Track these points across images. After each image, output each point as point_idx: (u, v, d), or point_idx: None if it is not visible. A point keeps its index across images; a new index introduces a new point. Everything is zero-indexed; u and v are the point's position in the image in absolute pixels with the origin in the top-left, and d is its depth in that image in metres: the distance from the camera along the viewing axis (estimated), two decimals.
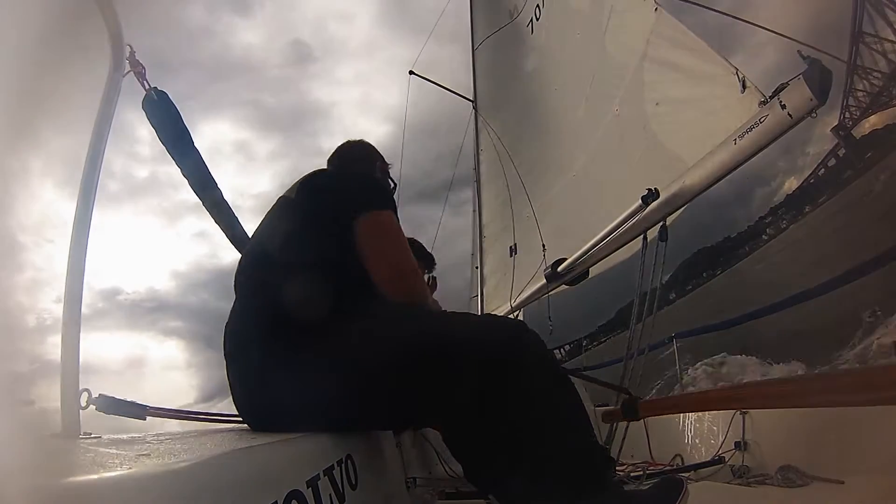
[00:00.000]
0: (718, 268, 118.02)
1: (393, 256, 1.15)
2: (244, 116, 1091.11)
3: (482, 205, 4.45)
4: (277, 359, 0.99)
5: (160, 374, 35.90)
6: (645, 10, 2.25)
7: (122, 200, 43.60)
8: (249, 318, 1.09)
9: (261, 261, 1.18)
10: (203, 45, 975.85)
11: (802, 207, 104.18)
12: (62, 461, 0.57)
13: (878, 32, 65.68)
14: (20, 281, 0.62)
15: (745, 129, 1.49)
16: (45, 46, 0.69)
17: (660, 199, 1.72)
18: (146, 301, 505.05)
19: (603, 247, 2.05)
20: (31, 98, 0.67)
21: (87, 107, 0.97)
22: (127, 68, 1.15)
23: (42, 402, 0.78)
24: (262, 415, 1.03)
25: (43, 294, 0.83)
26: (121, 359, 3.67)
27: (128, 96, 1.32)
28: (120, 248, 43.77)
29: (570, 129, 3.12)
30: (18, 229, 0.64)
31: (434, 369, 0.94)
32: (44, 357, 0.81)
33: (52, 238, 0.88)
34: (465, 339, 0.97)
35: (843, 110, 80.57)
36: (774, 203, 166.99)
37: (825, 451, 1.37)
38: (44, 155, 0.73)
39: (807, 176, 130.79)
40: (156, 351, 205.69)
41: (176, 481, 0.47)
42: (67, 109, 0.87)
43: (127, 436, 0.83)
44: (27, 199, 0.66)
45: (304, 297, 0.99)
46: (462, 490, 1.69)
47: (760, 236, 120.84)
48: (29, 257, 0.69)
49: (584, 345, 4.39)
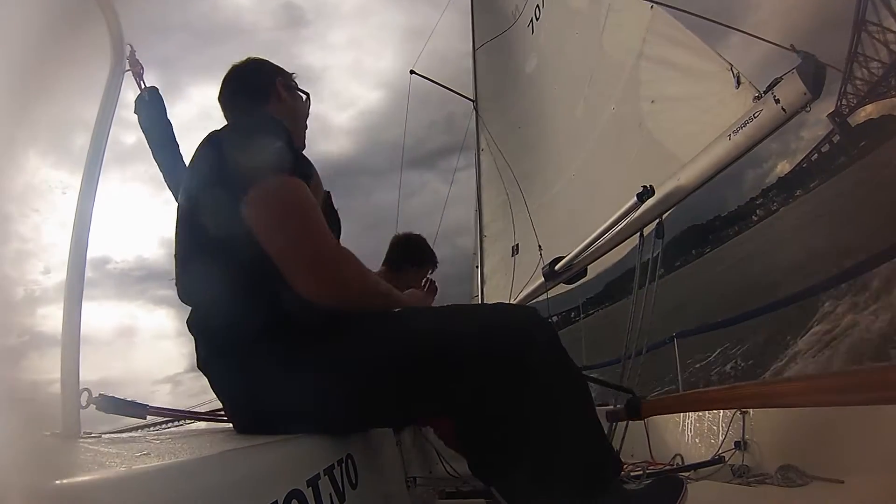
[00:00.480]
0: (707, 245, 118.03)
1: (291, 240, 0.85)
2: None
3: (483, 204, 4.45)
4: (276, 361, 0.92)
5: (151, 343, 35.75)
6: (641, 7, 2.25)
7: (109, 167, 42.28)
8: (235, 318, 0.92)
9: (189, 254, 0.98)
10: (192, 7, 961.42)
11: (794, 191, 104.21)
12: (62, 461, 0.57)
13: (881, 22, 65.41)
14: (6, 252, 0.62)
15: (739, 125, 1.49)
16: (46, 46, 0.69)
17: (655, 196, 1.72)
18: (135, 270, 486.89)
19: (599, 245, 2.05)
20: (32, 98, 0.67)
21: (87, 106, 0.97)
22: (127, 68, 1.15)
23: (36, 377, 0.78)
24: (256, 419, 0.94)
25: (31, 266, 0.80)
26: (111, 328, 3.62)
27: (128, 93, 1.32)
28: (108, 216, 42.57)
29: (569, 129, 3.12)
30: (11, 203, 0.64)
31: (437, 368, 0.91)
32: (34, 329, 0.80)
33: (37, 208, 0.85)
34: (469, 337, 0.93)
35: (840, 97, 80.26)
36: (766, 185, 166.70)
37: (825, 451, 1.37)
38: (45, 153, 0.73)
39: (800, 160, 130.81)
40: (146, 320, 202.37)
41: (176, 481, 0.47)
42: (68, 109, 0.87)
43: (127, 435, 0.84)
44: (24, 180, 0.66)
45: (298, 297, 0.89)
46: (462, 490, 1.69)
47: (750, 217, 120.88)
48: (15, 228, 0.68)
49: (572, 316, 4.35)
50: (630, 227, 1.87)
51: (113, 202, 8.08)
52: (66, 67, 0.78)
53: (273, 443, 0.75)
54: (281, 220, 0.85)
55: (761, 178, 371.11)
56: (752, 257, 28.59)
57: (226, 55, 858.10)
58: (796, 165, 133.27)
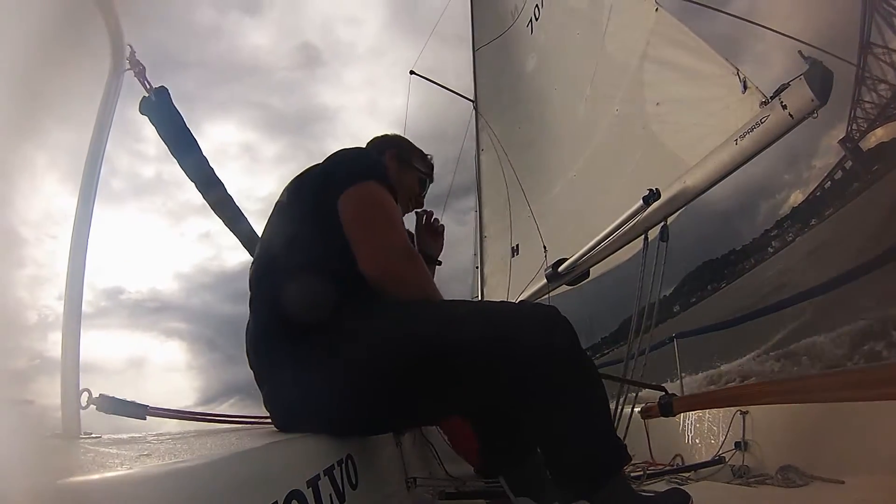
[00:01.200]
0: (724, 280, 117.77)
1: (375, 235, 0.98)
2: (251, 118, 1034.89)
3: (483, 205, 4.45)
4: (285, 362, 0.98)
5: (161, 376, 35.95)
6: (645, 9, 2.25)
7: (127, 199, 42.94)
8: (259, 324, 1.05)
9: (264, 267, 1.11)
10: (211, 45, 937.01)
11: (809, 220, 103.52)
12: (62, 461, 0.57)
13: (886, 43, 65.23)
14: (21, 277, 0.62)
15: (746, 130, 1.49)
16: (46, 46, 0.69)
17: (661, 199, 1.72)
18: (148, 301, 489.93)
19: (604, 247, 2.05)
20: (32, 97, 0.67)
21: (87, 106, 0.97)
22: (127, 67, 1.15)
23: (42, 400, 0.78)
24: (278, 415, 1.03)
25: (44, 291, 0.83)
26: (122, 358, 3.62)
27: (132, 96, 1.32)
28: (124, 246, 42.62)
29: (570, 130, 3.11)
30: (20, 224, 0.64)
31: (457, 371, 0.92)
32: (45, 354, 0.81)
33: (54, 234, 0.88)
34: (492, 340, 0.93)
35: (850, 122, 79.55)
36: (780, 216, 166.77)
37: (825, 451, 1.37)
38: (46, 152, 0.73)
39: (813, 189, 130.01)
40: (157, 352, 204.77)
41: (176, 481, 0.47)
42: (68, 109, 0.87)
43: (127, 436, 0.84)
44: (29, 195, 0.66)
45: (307, 298, 0.96)
46: (462, 490, 1.69)
47: (766, 249, 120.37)
48: (31, 252, 0.69)
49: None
50: (635, 229, 1.87)
51: (129, 233, 7.97)
52: (66, 68, 0.78)
53: (273, 443, 0.75)
54: (370, 211, 1.00)
55: (775, 210, 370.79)
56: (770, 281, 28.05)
57: (243, 92, 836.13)
58: (810, 194, 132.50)
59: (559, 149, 3.27)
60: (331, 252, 1.01)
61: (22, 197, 0.64)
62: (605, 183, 2.65)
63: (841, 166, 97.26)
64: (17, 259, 0.61)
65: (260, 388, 1.06)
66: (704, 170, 1.66)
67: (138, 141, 7.97)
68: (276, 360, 0.99)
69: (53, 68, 0.72)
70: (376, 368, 0.92)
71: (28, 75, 0.66)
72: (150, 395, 1.35)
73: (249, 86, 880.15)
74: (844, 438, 1.32)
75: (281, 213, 1.15)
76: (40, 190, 0.73)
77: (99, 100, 1.02)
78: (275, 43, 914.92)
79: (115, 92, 1.06)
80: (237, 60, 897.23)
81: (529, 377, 0.92)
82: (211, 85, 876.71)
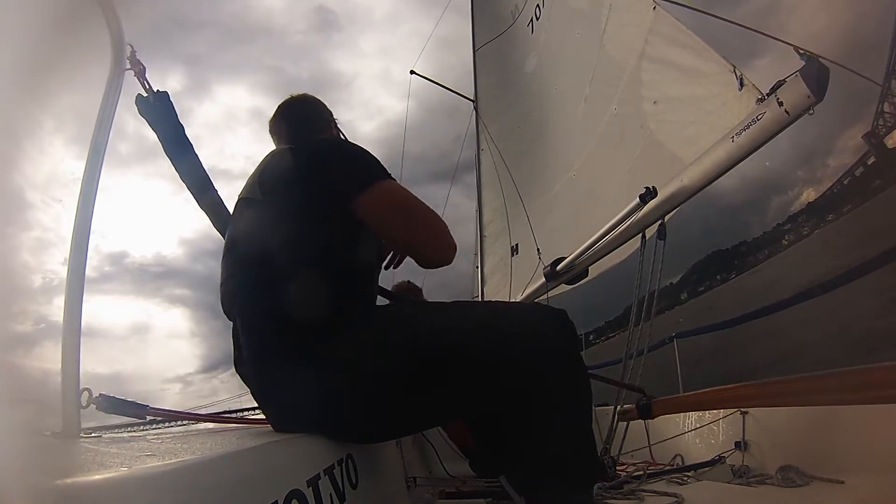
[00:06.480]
0: (733, 271, 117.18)
1: (428, 225, 1.04)
2: (262, 82, 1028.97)
3: (483, 204, 4.45)
4: (285, 365, 0.95)
5: (164, 342, 35.82)
6: (643, 8, 2.25)
7: (132, 163, 42.08)
8: (252, 332, 1.00)
9: (249, 273, 1.05)
10: (222, 5, 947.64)
11: (825, 215, 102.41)
12: (62, 461, 0.57)
13: None
14: (26, 240, 0.62)
15: (742, 127, 1.49)
16: (46, 45, 0.69)
17: (658, 197, 1.72)
18: (153, 266, 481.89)
19: (601, 245, 2.05)
20: (32, 97, 0.67)
21: (88, 105, 0.97)
22: (127, 67, 1.14)
23: (45, 364, 0.78)
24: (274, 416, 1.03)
25: (49, 255, 0.82)
26: (125, 324, 3.59)
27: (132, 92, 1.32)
28: (128, 210, 41.90)
29: (570, 129, 3.12)
30: (27, 187, 0.64)
31: (463, 375, 0.94)
32: (49, 318, 0.81)
33: (60, 198, 0.86)
34: (502, 342, 0.95)
35: (876, 117, 77.59)
36: (792, 212, 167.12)
37: (825, 451, 1.37)
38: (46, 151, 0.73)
39: (830, 185, 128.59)
40: (160, 318, 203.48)
41: (177, 481, 0.47)
42: (68, 108, 0.87)
43: (127, 435, 0.84)
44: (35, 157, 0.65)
45: (307, 300, 0.93)
46: (462, 490, 1.69)
47: (779, 242, 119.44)
48: (35, 216, 0.68)
49: (590, 339, 4.35)
50: (632, 228, 1.87)
51: (134, 197, 7.84)
52: (66, 67, 0.78)
53: (273, 443, 0.75)
54: (410, 209, 1.02)
55: (786, 206, 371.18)
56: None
57: (255, 56, 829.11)
58: (827, 190, 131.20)
59: (559, 148, 3.28)
60: (329, 252, 1.00)
61: (28, 160, 0.64)
62: (603, 182, 2.65)
63: (863, 162, 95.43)
64: (22, 222, 0.61)
65: (253, 394, 1.05)
66: (701, 167, 1.66)
67: (129, 107, 7.81)
68: (273, 365, 0.97)
69: (53, 67, 0.72)
70: (379, 373, 0.92)
71: (28, 74, 0.66)
72: (154, 361, 1.32)
73: (261, 49, 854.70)
74: (844, 438, 1.32)
75: (260, 210, 1.09)
76: (63, 183, 0.73)
77: (99, 99, 1.02)
78: (289, 4, 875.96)
79: (116, 92, 1.06)
80: (250, 21, 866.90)
81: (534, 381, 0.94)
82: (222, 46, 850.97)
